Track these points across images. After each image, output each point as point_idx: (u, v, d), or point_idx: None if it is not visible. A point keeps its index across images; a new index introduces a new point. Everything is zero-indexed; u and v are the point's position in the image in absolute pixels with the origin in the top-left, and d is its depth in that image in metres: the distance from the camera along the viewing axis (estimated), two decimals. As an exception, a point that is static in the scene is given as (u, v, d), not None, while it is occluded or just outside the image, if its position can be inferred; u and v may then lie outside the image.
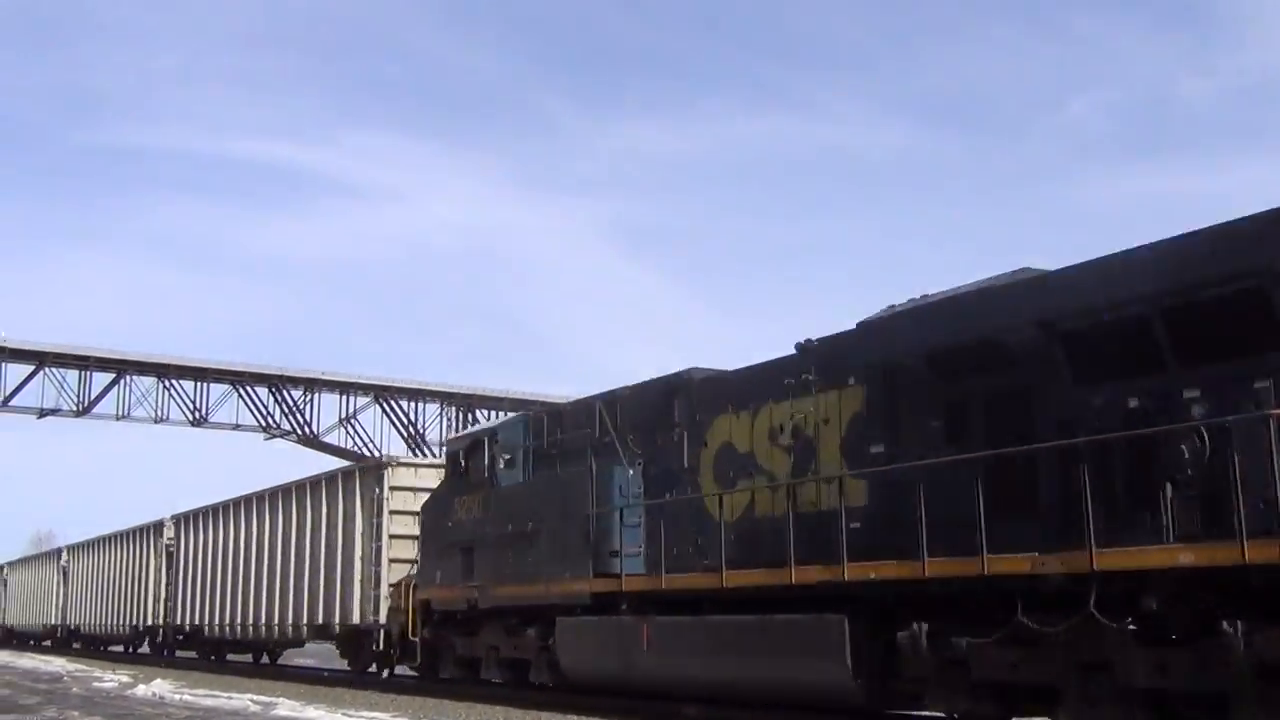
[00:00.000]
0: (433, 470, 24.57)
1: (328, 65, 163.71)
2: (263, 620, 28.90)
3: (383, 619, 23.24)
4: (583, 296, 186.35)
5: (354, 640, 25.36)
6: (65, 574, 49.67)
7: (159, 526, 38.29)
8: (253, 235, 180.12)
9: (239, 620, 30.54)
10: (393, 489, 24.01)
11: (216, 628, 32.34)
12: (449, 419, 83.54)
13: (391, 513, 23.80)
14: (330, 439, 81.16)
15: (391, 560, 23.64)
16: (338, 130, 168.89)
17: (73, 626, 48.21)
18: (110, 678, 26.49)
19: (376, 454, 70.99)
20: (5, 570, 59.97)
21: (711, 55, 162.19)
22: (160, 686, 22.38)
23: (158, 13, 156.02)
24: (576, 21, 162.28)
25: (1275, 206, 10.04)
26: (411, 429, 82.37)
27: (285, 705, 17.76)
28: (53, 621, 51.11)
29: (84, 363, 75.20)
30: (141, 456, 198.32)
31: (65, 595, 49.32)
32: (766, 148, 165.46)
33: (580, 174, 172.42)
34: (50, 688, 23.90)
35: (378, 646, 23.66)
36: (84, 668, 31.88)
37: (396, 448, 73.04)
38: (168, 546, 37.16)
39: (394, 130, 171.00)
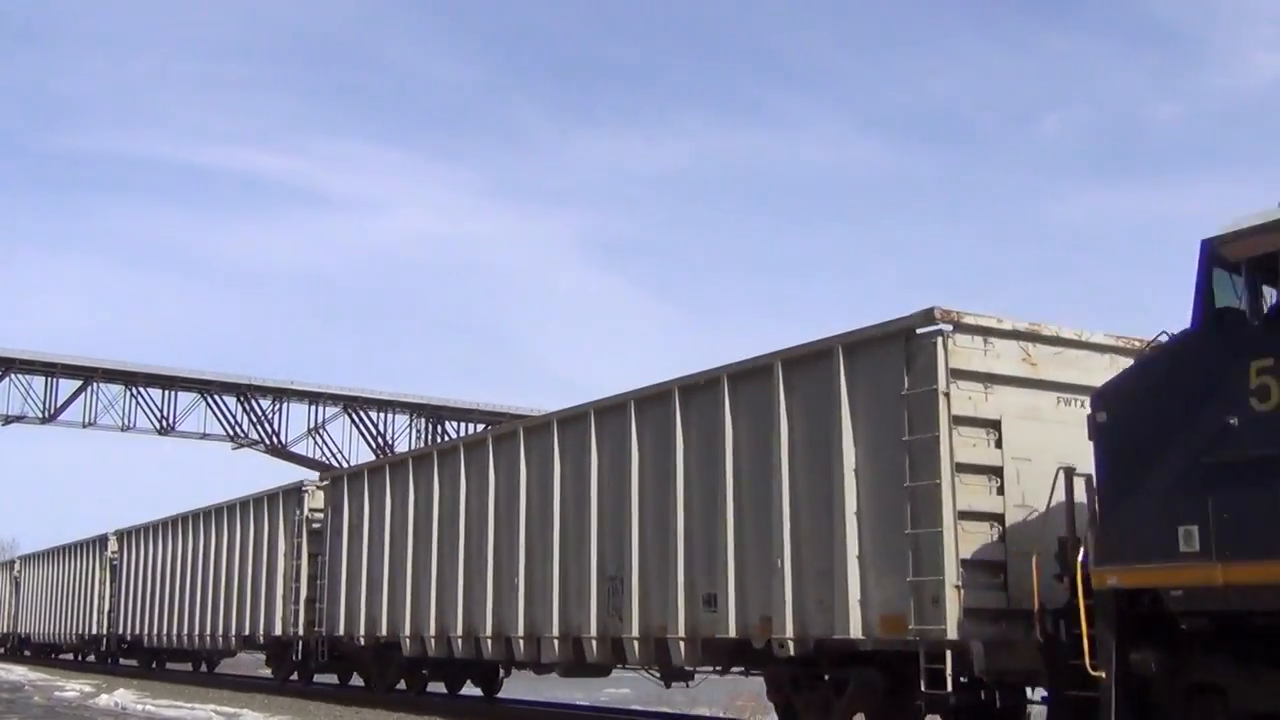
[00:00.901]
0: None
1: (301, 73, 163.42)
2: (198, 630, 30.41)
3: (300, 631, 24.53)
4: (554, 308, 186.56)
5: (277, 650, 26.75)
6: (17, 584, 51.06)
7: (103, 540, 39.79)
8: (223, 243, 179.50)
9: (177, 630, 31.95)
10: (311, 510, 25.34)
11: (157, 637, 33.61)
12: (418, 430, 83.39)
13: (310, 533, 25.14)
14: (299, 449, 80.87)
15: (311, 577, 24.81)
16: (310, 138, 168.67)
17: (24, 634, 49.78)
18: (72, 687, 26.33)
19: (345, 464, 70.82)
20: None
21: (686, 69, 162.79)
22: (123, 696, 22.28)
23: (130, 18, 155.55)
24: (551, 33, 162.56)
25: None
26: (380, 439, 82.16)
27: (249, 715, 17.72)
28: (4, 630, 52.38)
29: (50, 369, 74.76)
30: (108, 464, 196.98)
31: (18, 604, 50.82)
32: (740, 162, 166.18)
33: (553, 186, 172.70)
34: (11, 696, 23.74)
35: (297, 656, 25.36)
36: (46, 677, 31.67)
37: (365, 457, 72.78)
38: (111, 560, 38.68)
39: (366, 139, 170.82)
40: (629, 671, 16.56)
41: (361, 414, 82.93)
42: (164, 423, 78.05)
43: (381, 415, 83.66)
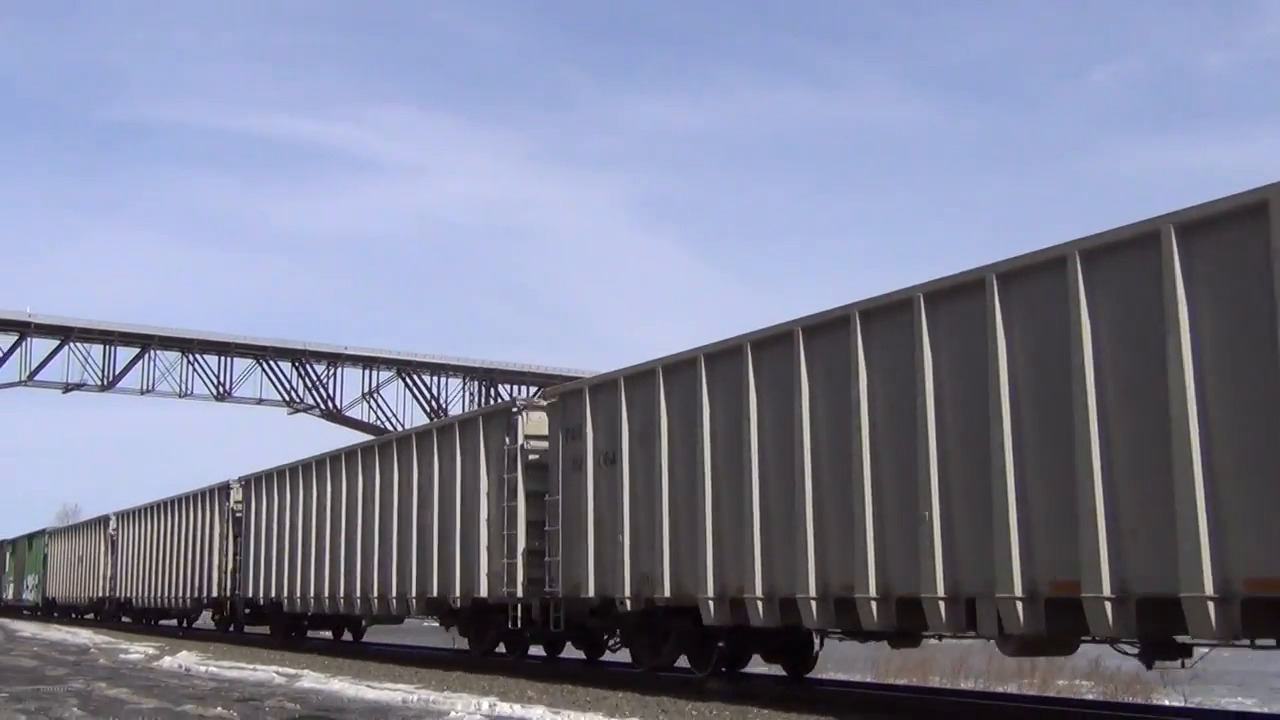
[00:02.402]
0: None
1: (348, 40, 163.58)
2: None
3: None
4: (602, 270, 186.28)
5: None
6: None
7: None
8: (275, 210, 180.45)
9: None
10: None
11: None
12: (471, 393, 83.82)
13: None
14: (353, 413, 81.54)
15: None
16: (356, 105, 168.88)
17: (123, 599, 45.35)
18: (136, 649, 26.70)
19: (399, 428, 71.28)
20: (47, 539, 59.12)
21: (730, 28, 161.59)
22: (186, 658, 22.56)
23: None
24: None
25: None
26: (434, 403, 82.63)
27: (310, 677, 17.87)
28: (99, 594, 48.87)
29: (109, 338, 75.62)
30: (166, 431, 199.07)
31: (114, 566, 46.61)
32: (786, 120, 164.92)
33: (599, 148, 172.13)
34: (77, 659, 24.11)
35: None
36: (110, 640, 32.13)
37: (419, 421, 73.09)
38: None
39: (412, 104, 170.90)
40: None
41: (415, 378, 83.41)
42: (220, 389, 78.83)
43: (435, 379, 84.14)
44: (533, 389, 67.35)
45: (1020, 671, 22.17)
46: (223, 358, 78.88)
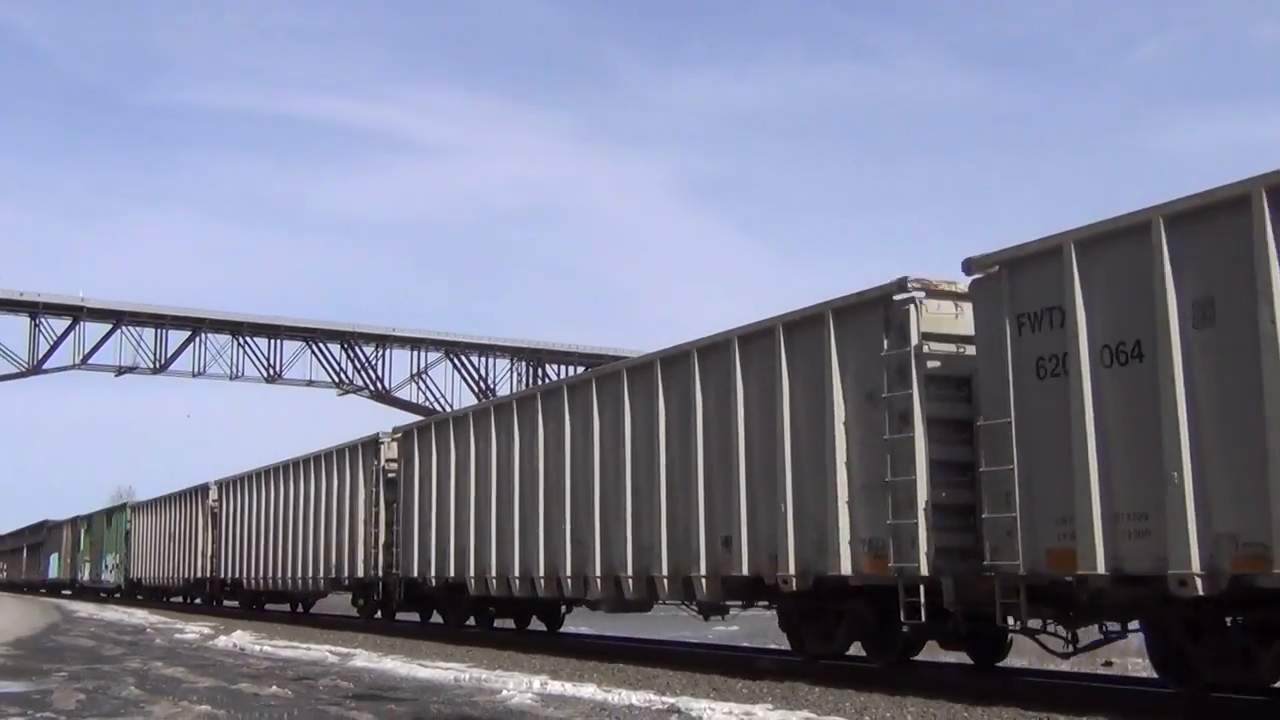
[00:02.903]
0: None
1: (391, 22, 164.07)
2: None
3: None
4: (648, 249, 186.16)
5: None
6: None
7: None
8: (322, 193, 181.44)
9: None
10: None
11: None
12: (518, 373, 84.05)
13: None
14: (402, 394, 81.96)
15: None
16: (400, 86, 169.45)
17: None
18: (192, 629, 27.00)
19: (449, 407, 71.58)
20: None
21: (774, 3, 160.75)
22: (240, 638, 22.79)
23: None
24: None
25: None
26: (482, 383, 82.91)
27: (362, 656, 18.02)
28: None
29: (160, 321, 76.28)
30: (217, 413, 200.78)
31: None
32: (832, 97, 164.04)
33: (644, 127, 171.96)
34: (134, 639, 24.40)
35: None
36: (166, 620, 32.51)
37: (467, 401, 73.39)
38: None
39: (456, 86, 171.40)
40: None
41: (463, 358, 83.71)
42: (271, 371, 79.41)
43: (483, 359, 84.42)
44: (579, 368, 67.41)
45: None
46: (273, 340, 79.42)
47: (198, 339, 77.43)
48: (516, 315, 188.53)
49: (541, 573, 19.40)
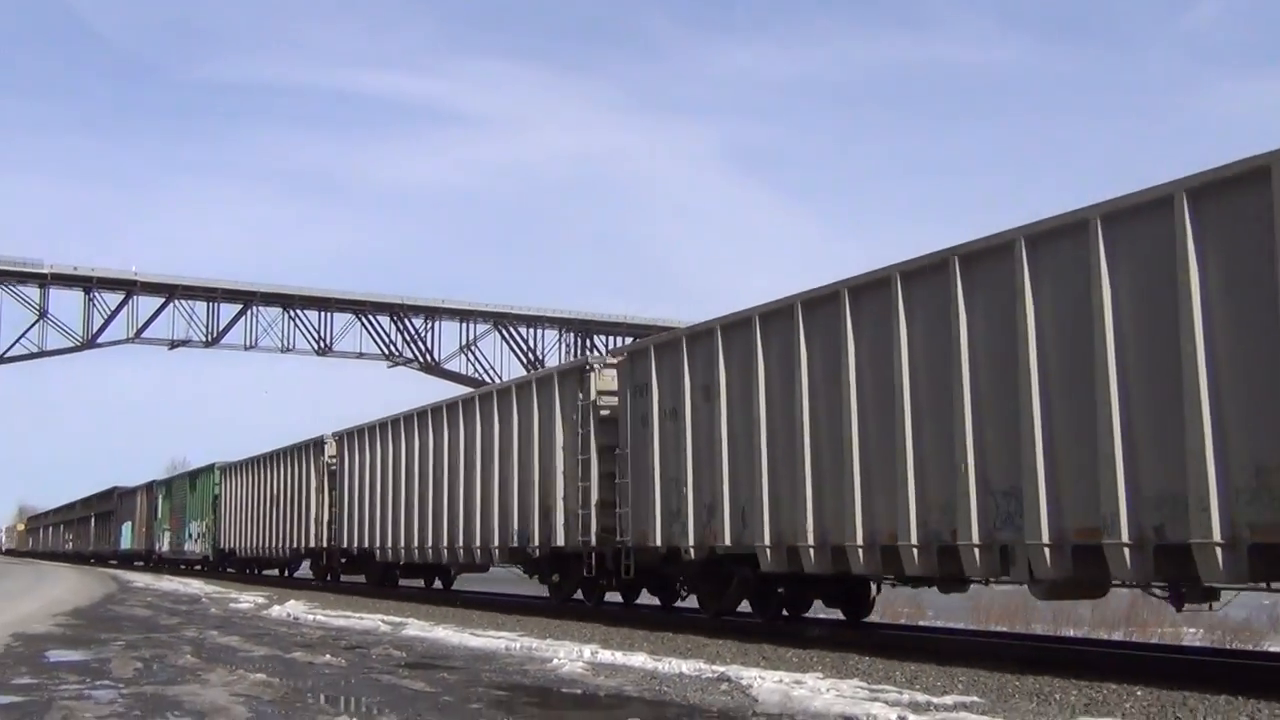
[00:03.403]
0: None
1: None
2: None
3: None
4: (696, 219, 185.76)
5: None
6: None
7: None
8: (369, 166, 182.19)
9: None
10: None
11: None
12: (567, 344, 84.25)
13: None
14: (451, 366, 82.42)
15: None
16: (446, 59, 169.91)
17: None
18: (246, 599, 27.29)
19: (497, 379, 71.83)
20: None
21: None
22: (294, 607, 23.02)
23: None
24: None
25: None
26: (530, 354, 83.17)
27: (414, 626, 18.15)
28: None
29: (212, 295, 76.98)
30: (268, 385, 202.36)
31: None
32: (880, 64, 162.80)
33: (690, 96, 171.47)
34: (189, 609, 24.70)
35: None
36: (221, 590, 32.86)
37: (516, 373, 73.62)
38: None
39: (501, 57, 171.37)
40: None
41: (511, 329, 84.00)
42: (321, 343, 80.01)
43: (531, 330, 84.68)
44: (627, 339, 67.47)
45: (1130, 620, 21.96)
46: (323, 313, 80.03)
47: (249, 312, 78.10)
48: (564, 286, 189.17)
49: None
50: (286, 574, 41.78)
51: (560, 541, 20.96)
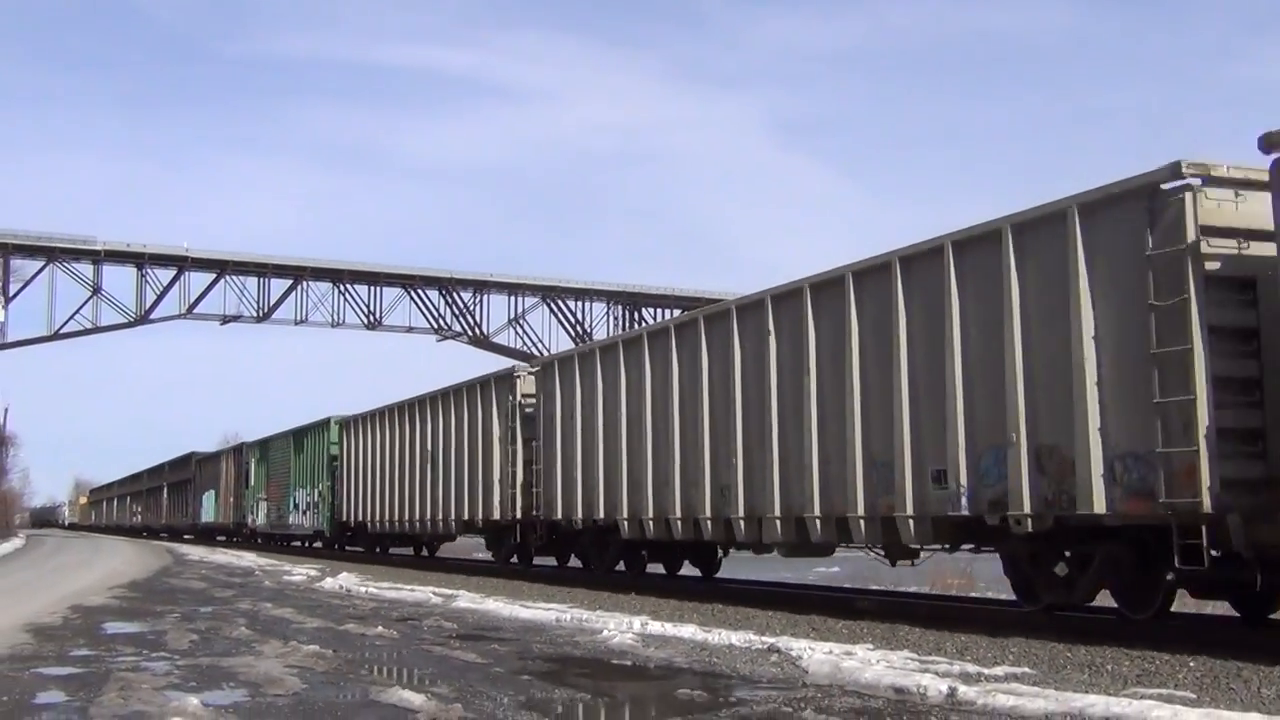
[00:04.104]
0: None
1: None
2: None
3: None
4: (741, 190, 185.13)
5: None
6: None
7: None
8: (418, 141, 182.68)
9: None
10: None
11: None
12: (615, 316, 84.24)
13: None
14: (500, 339, 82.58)
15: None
16: (488, 31, 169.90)
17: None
18: (299, 571, 27.53)
19: (545, 352, 71.95)
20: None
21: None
22: (346, 579, 23.20)
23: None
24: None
25: None
26: (578, 327, 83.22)
27: (465, 597, 18.27)
28: (493, 515, 46.00)
29: (262, 270, 77.41)
30: (319, 360, 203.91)
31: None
32: (923, 32, 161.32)
33: (732, 68, 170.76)
34: (243, 581, 24.96)
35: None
36: (274, 563, 33.18)
37: (564, 346, 73.68)
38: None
39: (543, 29, 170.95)
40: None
41: (560, 303, 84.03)
42: (371, 318, 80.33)
43: (579, 303, 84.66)
44: (675, 311, 67.31)
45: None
46: (372, 287, 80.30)
47: (299, 287, 78.49)
48: (612, 259, 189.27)
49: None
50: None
51: (496, 516, 25.66)
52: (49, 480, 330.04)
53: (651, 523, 19.38)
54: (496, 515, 25.55)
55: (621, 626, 13.47)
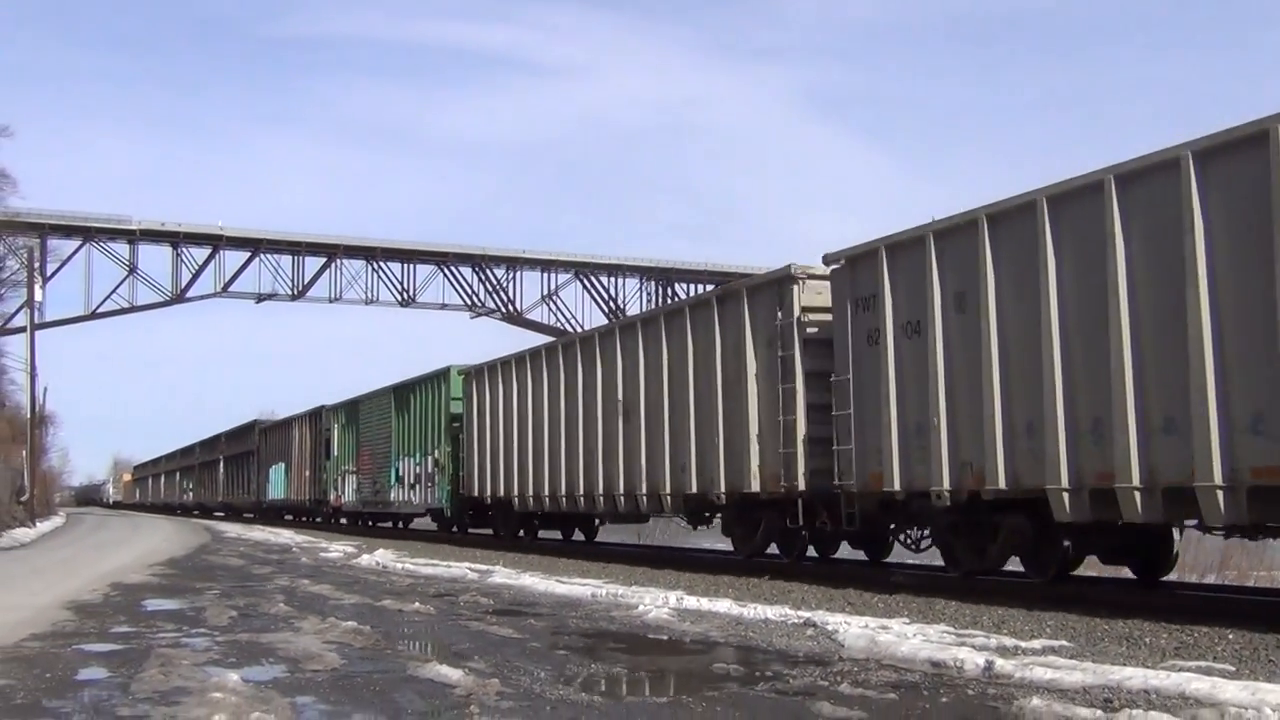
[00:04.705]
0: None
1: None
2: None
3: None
4: (775, 165, 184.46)
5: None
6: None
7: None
8: (451, 117, 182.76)
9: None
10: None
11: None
12: (648, 293, 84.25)
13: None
14: (534, 315, 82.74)
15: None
16: (519, 6, 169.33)
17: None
18: (336, 548, 27.71)
19: (578, 329, 72.04)
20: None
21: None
22: (382, 556, 23.32)
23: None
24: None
25: None
26: (611, 303, 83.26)
27: (501, 573, 18.34)
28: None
29: (296, 248, 77.80)
30: (352, 337, 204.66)
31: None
32: (961, 7, 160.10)
33: (767, 40, 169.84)
34: (281, 558, 25.13)
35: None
36: (311, 539, 33.39)
37: (598, 321, 73.73)
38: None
39: (578, 4, 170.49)
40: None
41: (593, 279, 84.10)
42: (405, 295, 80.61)
43: (612, 279, 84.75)
44: (708, 286, 67.27)
45: (1224, 564, 21.60)
46: (406, 264, 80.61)
47: (334, 265, 78.83)
48: (645, 234, 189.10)
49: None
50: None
51: (754, 487, 17.89)
52: (88, 459, 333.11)
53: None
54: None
55: (657, 601, 13.50)
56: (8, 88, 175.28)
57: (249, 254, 76.73)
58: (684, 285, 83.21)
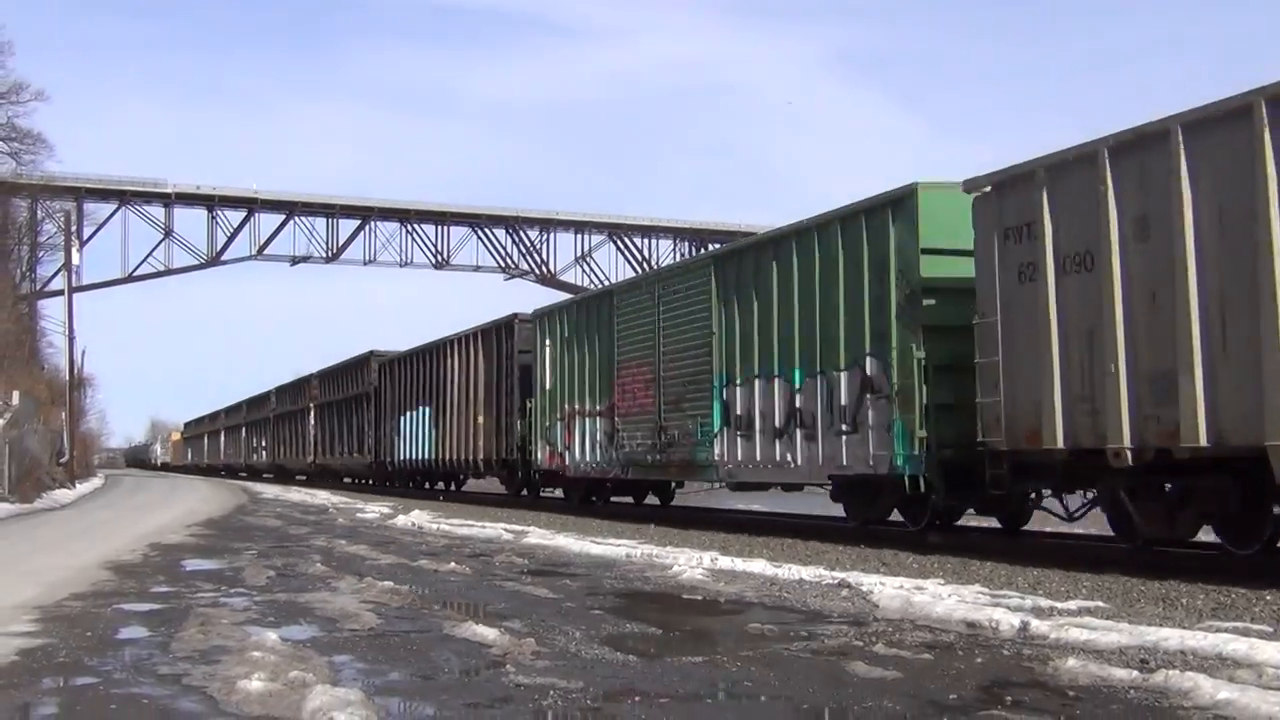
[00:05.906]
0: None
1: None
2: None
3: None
4: (804, 125, 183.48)
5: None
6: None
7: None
8: (484, 80, 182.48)
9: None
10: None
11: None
12: (681, 253, 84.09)
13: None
14: (566, 277, 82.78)
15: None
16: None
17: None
18: (372, 509, 27.86)
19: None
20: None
21: None
22: (418, 517, 23.44)
23: None
24: None
25: None
26: (646, 265, 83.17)
27: (536, 534, 18.41)
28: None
29: (330, 210, 78.01)
30: (387, 300, 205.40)
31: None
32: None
33: (800, 2, 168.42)
34: (318, 519, 25.30)
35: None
36: (347, 500, 33.59)
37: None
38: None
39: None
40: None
41: (626, 240, 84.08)
42: (439, 257, 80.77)
43: (645, 240, 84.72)
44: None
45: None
46: (440, 226, 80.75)
47: (367, 227, 79.05)
48: (677, 195, 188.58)
49: None
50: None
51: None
52: (126, 421, 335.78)
53: None
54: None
55: (692, 561, 13.52)
56: (44, 53, 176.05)
57: (284, 217, 77.00)
58: (717, 245, 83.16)
